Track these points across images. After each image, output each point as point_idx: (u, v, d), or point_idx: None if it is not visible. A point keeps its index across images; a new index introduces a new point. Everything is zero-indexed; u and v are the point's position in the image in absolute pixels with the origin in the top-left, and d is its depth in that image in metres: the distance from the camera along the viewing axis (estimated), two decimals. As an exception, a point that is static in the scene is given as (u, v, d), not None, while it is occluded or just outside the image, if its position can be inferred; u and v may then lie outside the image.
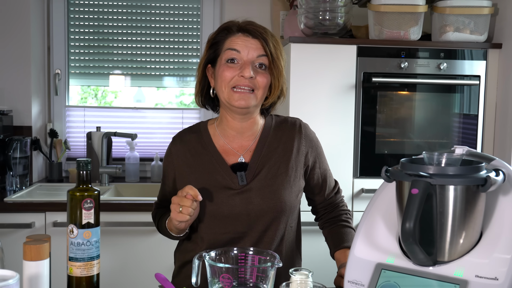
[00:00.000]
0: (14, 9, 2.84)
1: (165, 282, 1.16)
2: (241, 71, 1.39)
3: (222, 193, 1.42)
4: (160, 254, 2.41)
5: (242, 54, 1.40)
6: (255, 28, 1.41)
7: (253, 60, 1.40)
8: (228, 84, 1.41)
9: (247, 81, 1.39)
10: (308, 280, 1.18)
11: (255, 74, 1.39)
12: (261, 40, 1.40)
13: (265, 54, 1.40)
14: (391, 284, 1.06)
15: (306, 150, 1.51)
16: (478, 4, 2.47)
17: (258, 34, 1.40)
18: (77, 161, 1.19)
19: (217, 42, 1.45)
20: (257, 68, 1.41)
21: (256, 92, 1.41)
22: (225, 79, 1.41)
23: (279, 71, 1.42)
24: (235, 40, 1.41)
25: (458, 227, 1.03)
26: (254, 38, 1.40)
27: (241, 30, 1.42)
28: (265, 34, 1.41)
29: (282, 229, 1.45)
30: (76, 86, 3.18)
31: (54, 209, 2.41)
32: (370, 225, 1.16)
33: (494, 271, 0.99)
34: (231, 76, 1.40)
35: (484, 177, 1.00)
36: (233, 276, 1.14)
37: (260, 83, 1.40)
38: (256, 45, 1.40)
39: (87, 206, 1.16)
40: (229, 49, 1.41)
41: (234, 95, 1.40)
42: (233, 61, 1.41)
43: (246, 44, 1.40)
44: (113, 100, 3.24)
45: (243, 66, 1.39)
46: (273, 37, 1.44)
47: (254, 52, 1.40)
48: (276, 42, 1.43)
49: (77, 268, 1.17)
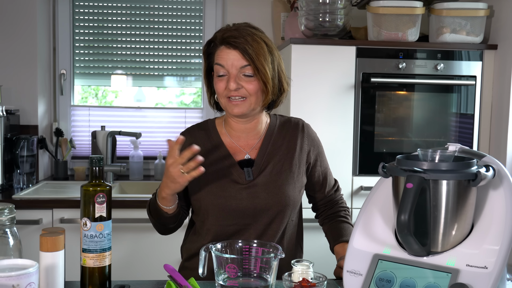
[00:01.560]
0: (21, 11, 2.90)
1: (173, 272, 1.22)
2: (227, 84, 1.46)
3: (230, 187, 1.48)
4: (165, 249, 2.47)
5: (227, 67, 1.45)
6: (235, 39, 1.44)
7: (237, 70, 1.45)
8: (222, 95, 1.49)
9: (235, 92, 1.45)
10: (309, 270, 1.24)
11: (241, 84, 1.45)
12: (240, 51, 1.44)
13: (248, 63, 1.44)
14: (388, 273, 1.12)
15: (308, 148, 1.58)
16: (474, 6, 2.53)
17: (237, 44, 1.43)
18: (90, 157, 1.25)
19: (209, 54, 1.52)
20: (244, 77, 1.45)
21: (249, 98, 1.47)
22: (219, 91, 1.49)
23: (265, 75, 1.44)
24: (220, 54, 1.47)
25: (451, 220, 1.09)
26: (234, 49, 1.44)
27: (223, 43, 1.46)
28: (244, 43, 1.43)
29: (285, 223, 1.52)
30: (79, 86, 3.24)
31: (61, 206, 2.47)
32: (368, 218, 1.22)
33: (484, 261, 1.06)
34: (223, 88, 1.47)
35: (474, 172, 1.07)
36: (238, 267, 1.21)
37: (250, 90, 1.46)
38: (237, 56, 1.44)
39: (100, 200, 1.22)
40: (217, 64, 1.48)
41: (230, 104, 1.48)
42: (223, 74, 1.47)
43: (229, 57, 1.45)
44: (113, 100, 3.30)
45: (229, 79, 1.46)
46: (255, 41, 1.44)
47: (236, 63, 1.44)
48: (259, 47, 1.44)
49: (90, 259, 1.23)
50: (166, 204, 1.46)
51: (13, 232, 1.16)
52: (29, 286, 1.00)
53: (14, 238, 1.16)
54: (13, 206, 1.17)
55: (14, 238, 1.16)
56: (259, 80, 1.45)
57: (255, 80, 1.46)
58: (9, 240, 1.15)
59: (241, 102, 1.47)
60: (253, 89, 1.46)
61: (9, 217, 1.15)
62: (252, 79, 1.46)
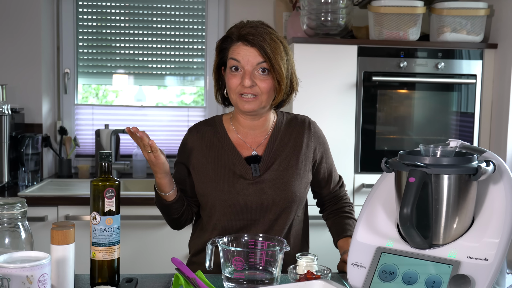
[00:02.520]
0: (25, 11, 2.93)
1: (181, 265, 1.24)
2: (242, 80, 1.47)
3: (237, 183, 1.51)
4: (171, 246, 2.50)
5: (243, 63, 1.47)
6: (253, 36, 1.46)
7: (253, 67, 1.47)
8: (234, 91, 1.50)
9: (249, 89, 1.47)
10: (314, 263, 1.27)
11: (256, 81, 1.47)
12: (258, 48, 1.46)
13: (264, 60, 1.47)
14: (391, 265, 1.15)
15: (314, 145, 1.60)
16: (475, 6, 2.56)
17: (255, 42, 1.46)
18: (99, 153, 1.28)
19: (223, 49, 1.53)
20: (258, 75, 1.47)
21: (260, 97, 1.49)
22: (231, 87, 1.50)
23: (280, 74, 1.47)
24: (236, 49, 1.49)
25: (452, 213, 1.12)
26: (252, 47, 1.47)
27: (240, 39, 1.48)
28: (262, 41, 1.46)
29: (291, 218, 1.55)
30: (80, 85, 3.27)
31: (66, 203, 2.50)
32: (371, 212, 1.25)
33: (484, 253, 1.09)
34: (236, 84, 1.49)
35: (475, 167, 1.10)
36: (244, 260, 1.23)
37: (262, 88, 1.48)
38: (254, 53, 1.46)
39: (109, 195, 1.25)
40: (231, 59, 1.49)
41: (241, 101, 1.49)
42: (237, 69, 1.49)
43: (245, 53, 1.47)
44: (113, 99, 3.33)
45: (244, 75, 1.47)
46: (272, 41, 1.48)
47: (253, 60, 1.47)
48: (276, 45, 1.48)
49: (99, 252, 1.26)
50: (163, 190, 1.50)
51: (25, 225, 1.19)
52: (42, 277, 1.03)
53: (26, 232, 1.19)
54: (24, 201, 1.20)
55: (26, 232, 1.19)
56: (273, 78, 1.48)
57: (269, 79, 1.48)
58: (21, 234, 1.18)
59: (252, 99, 1.48)
60: (266, 87, 1.48)
61: (21, 211, 1.18)
62: (266, 77, 1.48)
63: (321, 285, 1.10)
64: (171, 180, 1.49)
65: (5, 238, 1.16)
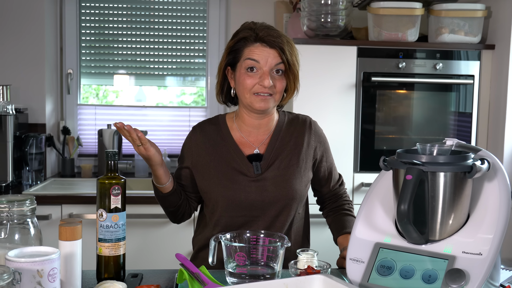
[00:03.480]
0: (29, 13, 2.97)
1: (185, 261, 1.28)
2: (261, 80, 1.51)
3: (239, 180, 1.55)
4: (173, 244, 2.54)
5: (261, 64, 1.51)
6: (273, 39, 1.51)
7: (270, 68, 1.52)
8: (250, 91, 1.53)
9: (267, 89, 1.52)
10: (314, 259, 1.31)
11: (273, 81, 1.52)
12: (278, 50, 1.51)
13: (282, 61, 1.52)
14: (388, 260, 1.19)
15: (315, 144, 1.65)
16: (472, 7, 2.59)
17: (275, 44, 1.51)
18: (106, 152, 1.31)
19: (236, 49, 1.56)
20: (274, 75, 1.53)
21: (274, 96, 1.54)
22: (247, 87, 1.53)
23: (295, 75, 1.55)
24: (254, 50, 1.52)
25: (448, 210, 1.16)
26: (272, 48, 1.51)
27: (259, 40, 1.52)
28: (282, 43, 1.51)
29: (291, 215, 1.59)
30: (84, 85, 3.31)
31: (69, 201, 2.54)
32: (369, 209, 1.29)
33: (479, 248, 1.12)
34: (252, 84, 1.52)
35: (470, 165, 1.14)
36: (246, 255, 1.27)
37: (278, 88, 1.54)
38: (274, 54, 1.51)
39: (115, 193, 1.29)
40: (249, 59, 1.52)
41: (256, 99, 1.53)
42: (253, 69, 1.52)
43: (264, 54, 1.51)
44: (114, 99, 3.37)
45: (263, 76, 1.51)
46: (288, 43, 1.54)
47: (272, 61, 1.51)
48: (291, 47, 1.55)
49: (106, 248, 1.30)
50: (159, 181, 1.55)
51: (34, 222, 1.23)
52: (52, 271, 1.07)
53: (35, 228, 1.22)
54: (33, 198, 1.23)
55: (35, 228, 1.22)
56: (287, 78, 1.54)
57: (283, 79, 1.54)
58: (30, 230, 1.21)
59: (267, 98, 1.53)
60: (281, 87, 1.54)
61: (30, 208, 1.21)
62: (281, 77, 1.54)
63: (321, 279, 1.14)
64: (166, 172, 1.54)
65: (15, 234, 1.19)
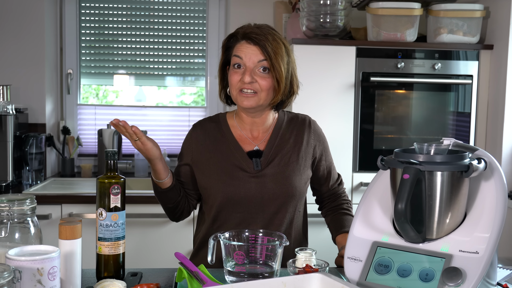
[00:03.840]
0: (29, 13, 2.98)
1: (184, 260, 1.29)
2: (242, 76, 1.53)
3: (239, 177, 1.57)
4: (172, 243, 2.55)
5: (245, 60, 1.54)
6: (256, 35, 1.53)
7: (254, 65, 1.53)
8: (235, 87, 1.56)
9: (249, 85, 1.53)
10: (312, 257, 1.32)
11: (256, 78, 1.53)
12: (260, 47, 1.53)
13: (265, 58, 1.53)
14: (386, 259, 1.20)
15: (314, 143, 1.66)
16: (471, 8, 2.61)
17: (258, 40, 1.53)
18: (105, 151, 1.32)
19: (228, 47, 1.60)
20: (259, 72, 1.54)
21: (259, 94, 1.55)
22: (233, 83, 1.56)
23: (279, 73, 1.53)
24: (240, 47, 1.56)
25: (445, 209, 1.17)
26: (255, 45, 1.54)
27: (244, 37, 1.55)
28: (265, 40, 1.53)
29: (291, 212, 1.60)
30: (84, 86, 3.32)
31: (69, 201, 2.55)
32: (367, 208, 1.30)
33: (475, 247, 1.13)
34: (237, 80, 1.55)
35: (467, 164, 1.15)
36: (245, 254, 1.28)
37: (262, 86, 1.54)
38: (256, 51, 1.53)
39: (115, 192, 1.30)
40: (235, 56, 1.56)
41: (241, 97, 1.55)
42: (239, 66, 1.55)
43: (248, 51, 1.54)
44: (113, 99, 3.38)
45: (245, 72, 1.54)
46: (275, 41, 1.54)
47: (254, 57, 1.53)
48: (277, 46, 1.54)
49: (105, 247, 1.31)
50: (158, 176, 1.56)
51: (34, 221, 1.24)
52: (52, 270, 1.08)
53: (35, 227, 1.23)
54: (33, 197, 1.24)
55: (35, 227, 1.23)
56: (273, 77, 1.54)
57: (269, 77, 1.54)
58: (30, 229, 1.22)
59: (251, 96, 1.54)
60: (266, 85, 1.54)
61: (30, 207, 1.22)
62: (266, 75, 1.54)
63: (319, 278, 1.14)
64: (165, 167, 1.55)
65: (15, 233, 1.20)
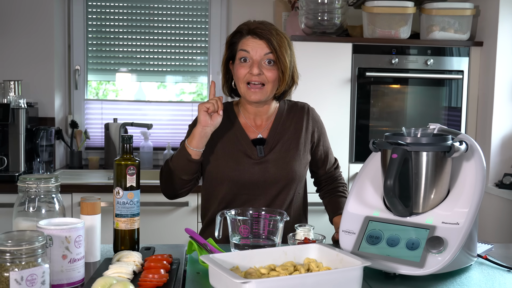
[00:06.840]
0: (39, 11, 3.10)
1: (194, 234, 1.42)
2: (250, 69, 1.65)
3: (244, 162, 1.69)
4: (176, 230, 2.67)
5: (252, 54, 1.65)
6: (262, 31, 1.65)
7: (261, 58, 1.65)
8: (242, 80, 1.67)
9: (257, 77, 1.65)
10: (310, 232, 1.44)
11: (263, 70, 1.65)
12: (266, 40, 1.65)
13: (271, 51, 1.65)
14: (377, 231, 1.33)
15: (312, 129, 1.78)
16: (462, 6, 2.74)
17: (263, 35, 1.65)
18: (122, 136, 1.45)
19: (233, 43, 1.71)
20: (265, 65, 1.65)
21: (266, 86, 1.66)
22: (240, 76, 1.67)
23: (284, 64, 1.66)
24: (246, 42, 1.67)
25: (429, 186, 1.30)
26: (261, 39, 1.65)
27: (250, 33, 1.67)
28: (270, 35, 1.65)
29: (291, 194, 1.73)
30: (91, 81, 3.45)
31: (79, 190, 2.67)
32: (360, 187, 1.43)
33: (456, 219, 1.26)
34: (244, 73, 1.66)
35: (449, 145, 1.27)
36: (249, 228, 1.41)
37: (269, 78, 1.65)
38: (262, 45, 1.65)
39: (131, 172, 1.42)
40: (241, 50, 1.67)
41: (249, 91, 1.66)
42: (245, 60, 1.66)
43: (254, 45, 1.65)
44: (114, 98, 3.50)
45: (252, 64, 1.65)
46: (278, 35, 1.66)
47: (261, 51, 1.65)
48: (281, 40, 1.66)
49: (122, 222, 1.43)
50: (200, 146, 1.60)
51: (59, 198, 1.36)
52: (78, 238, 1.21)
53: (59, 204, 1.36)
54: (58, 176, 1.36)
55: (59, 204, 1.36)
56: (278, 69, 1.65)
57: (275, 69, 1.65)
58: (55, 205, 1.34)
59: (259, 89, 1.65)
60: (272, 76, 1.65)
61: (55, 185, 1.34)
62: (272, 67, 1.65)
63: (317, 247, 1.28)
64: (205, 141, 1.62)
65: (42, 209, 1.32)
